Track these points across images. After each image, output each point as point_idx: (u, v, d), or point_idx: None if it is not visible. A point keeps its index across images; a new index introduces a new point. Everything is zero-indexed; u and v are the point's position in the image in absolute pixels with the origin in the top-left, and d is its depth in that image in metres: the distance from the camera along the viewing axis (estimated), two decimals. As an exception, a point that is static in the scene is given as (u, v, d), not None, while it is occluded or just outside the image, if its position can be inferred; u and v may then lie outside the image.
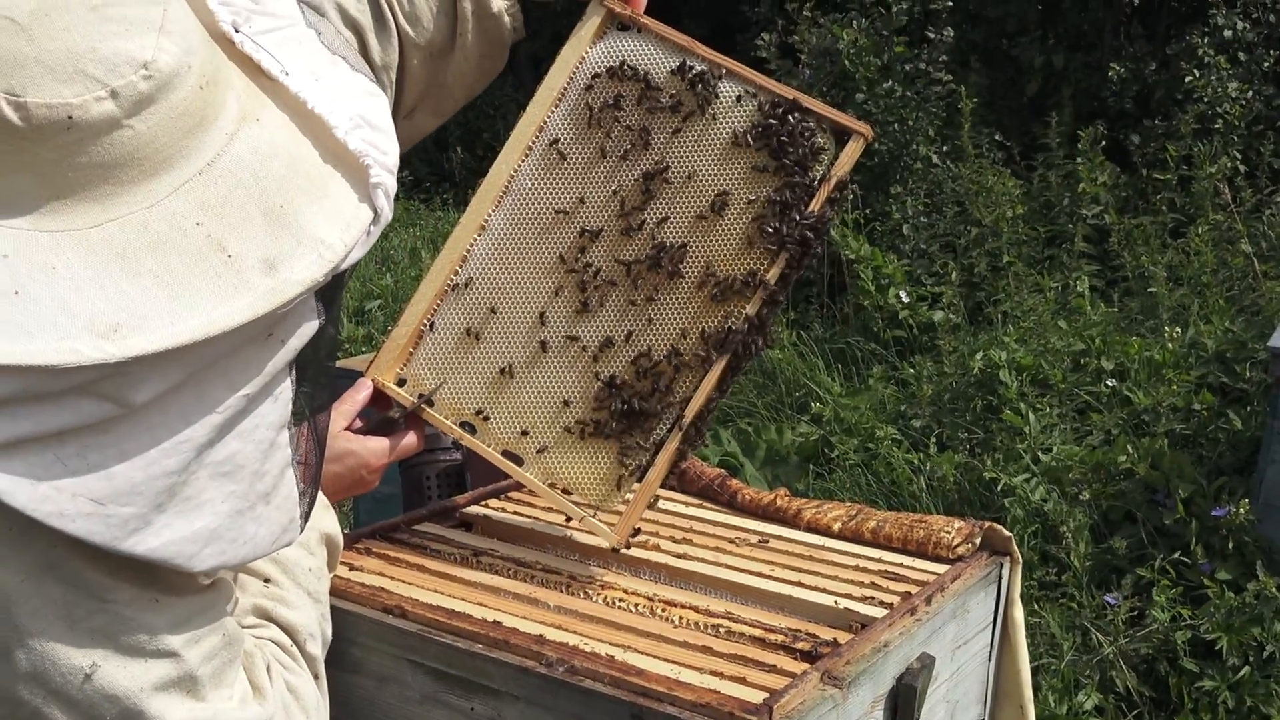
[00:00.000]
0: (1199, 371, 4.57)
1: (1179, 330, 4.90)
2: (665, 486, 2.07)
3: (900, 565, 1.79)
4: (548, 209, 1.76)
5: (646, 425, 1.72)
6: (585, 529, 1.76)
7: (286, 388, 1.16)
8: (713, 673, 1.41)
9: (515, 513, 1.96)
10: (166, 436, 1.07)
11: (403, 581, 1.64)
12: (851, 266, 6.08)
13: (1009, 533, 1.83)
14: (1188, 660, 3.59)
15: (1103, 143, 6.40)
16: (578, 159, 1.76)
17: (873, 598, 1.65)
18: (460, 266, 1.77)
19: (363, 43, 1.68)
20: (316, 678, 1.40)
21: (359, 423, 1.73)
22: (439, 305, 1.77)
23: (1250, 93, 6.50)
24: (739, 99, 1.73)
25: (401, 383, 1.75)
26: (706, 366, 1.71)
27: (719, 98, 1.73)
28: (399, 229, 9.42)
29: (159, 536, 1.08)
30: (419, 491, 2.10)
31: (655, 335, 1.73)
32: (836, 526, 1.91)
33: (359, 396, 1.72)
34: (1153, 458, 4.13)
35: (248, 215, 1.08)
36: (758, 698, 1.33)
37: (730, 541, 1.87)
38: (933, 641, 1.62)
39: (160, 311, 1.02)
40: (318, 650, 1.42)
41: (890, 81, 6.70)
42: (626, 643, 1.48)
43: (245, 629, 1.33)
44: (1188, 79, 6.49)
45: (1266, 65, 6.65)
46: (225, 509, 1.13)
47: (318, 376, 1.26)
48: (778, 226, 1.71)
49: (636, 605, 1.63)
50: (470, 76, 1.78)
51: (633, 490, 1.71)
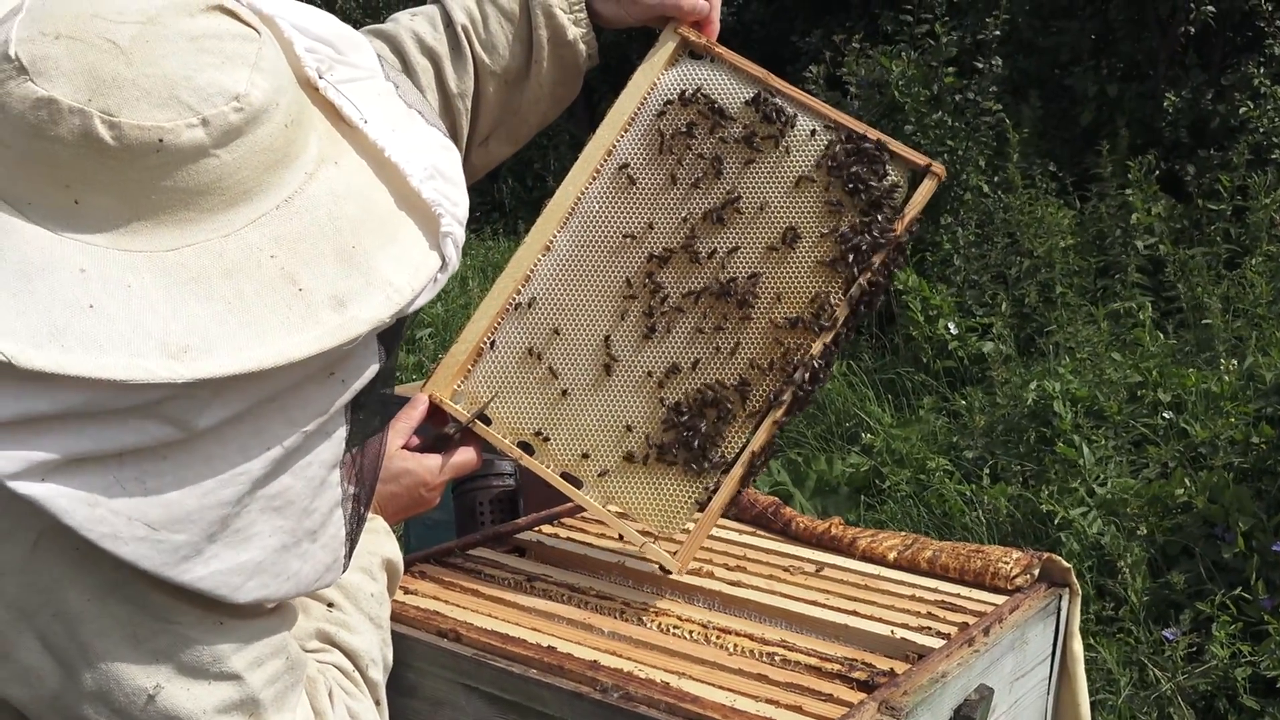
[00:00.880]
0: (1257, 404, 4.51)
1: (1236, 362, 4.85)
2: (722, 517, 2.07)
3: (957, 595, 1.77)
4: (615, 232, 1.76)
5: (711, 454, 1.71)
6: (645, 555, 1.75)
7: (342, 428, 1.17)
8: (769, 700, 1.40)
9: (569, 538, 1.97)
10: (224, 468, 1.07)
11: (457, 605, 1.65)
12: (900, 297, 6.06)
13: (1068, 564, 1.81)
14: (1248, 697, 3.53)
15: (1157, 173, 6.36)
16: (648, 184, 1.77)
17: (929, 628, 1.64)
18: (523, 286, 1.77)
19: (439, 70, 1.70)
20: (378, 704, 1.39)
21: (415, 440, 1.72)
22: (500, 323, 1.77)
23: (1308, 123, 6.45)
24: (813, 133, 1.74)
25: (458, 399, 1.75)
26: (771, 399, 1.71)
27: (794, 131, 1.74)
28: (450, 257, 9.48)
29: (207, 566, 1.09)
30: (472, 517, 2.11)
31: (722, 364, 1.74)
32: (892, 556, 1.90)
33: (415, 413, 1.71)
34: (1211, 491, 4.08)
35: (320, 253, 1.09)
36: (816, 727, 1.32)
37: (784, 569, 1.86)
38: (991, 673, 1.60)
39: (230, 337, 1.03)
40: (379, 676, 1.41)
41: (940, 112, 6.69)
42: (681, 669, 1.48)
43: (308, 653, 1.33)
44: (1243, 109, 6.44)
45: (1324, 95, 6.59)
46: (273, 543, 1.13)
47: (372, 412, 1.26)
48: (850, 263, 1.71)
49: (691, 632, 1.63)
50: (544, 104, 1.79)
51: (695, 519, 1.71)
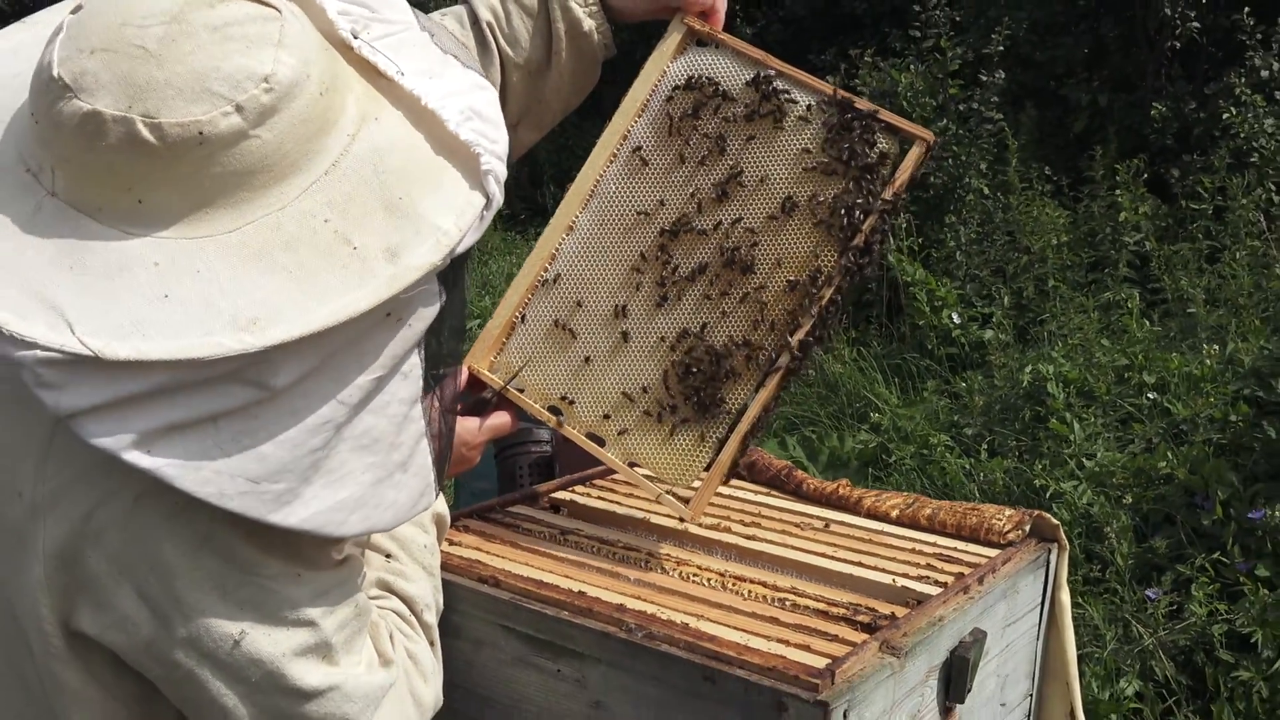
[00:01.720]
0: (1235, 385, 4.47)
1: (1216, 348, 4.82)
2: (736, 476, 2.06)
3: (954, 549, 1.77)
4: (631, 210, 1.75)
5: (719, 411, 1.71)
6: (662, 504, 1.75)
7: (415, 365, 1.16)
8: (779, 640, 1.41)
9: (599, 497, 1.97)
10: (308, 418, 1.08)
11: (497, 555, 1.66)
12: (908, 290, 6.05)
13: (1056, 521, 1.80)
14: (1224, 652, 3.51)
15: (1144, 176, 6.33)
16: (659, 165, 1.75)
17: (928, 577, 1.64)
18: (549, 264, 1.76)
19: None
20: (432, 644, 1.41)
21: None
22: (530, 299, 1.77)
23: (1284, 129, 6.39)
24: (809, 108, 1.71)
25: (494, 369, 1.75)
26: (773, 358, 1.70)
27: (792, 106, 1.72)
28: (497, 257, 9.52)
29: (308, 508, 1.09)
30: (512, 479, 2.12)
31: (729, 327, 1.72)
32: (894, 513, 1.90)
33: (459, 374, 1.70)
34: (1192, 464, 4.06)
35: (370, 209, 1.09)
36: (821, 663, 1.32)
37: (796, 525, 1.86)
38: (984, 618, 1.60)
39: (294, 303, 1.04)
40: (432, 619, 1.43)
41: (944, 120, 6.66)
42: (699, 613, 1.48)
43: (371, 600, 1.34)
44: (1225, 116, 6.38)
45: (1299, 103, 6.53)
46: (367, 479, 1.13)
47: (448, 353, 1.27)
48: (843, 227, 1.68)
49: (709, 580, 1.63)
50: (566, 91, 1.78)
51: (704, 473, 1.71)
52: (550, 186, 11.16)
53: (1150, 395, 4.66)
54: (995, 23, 7.17)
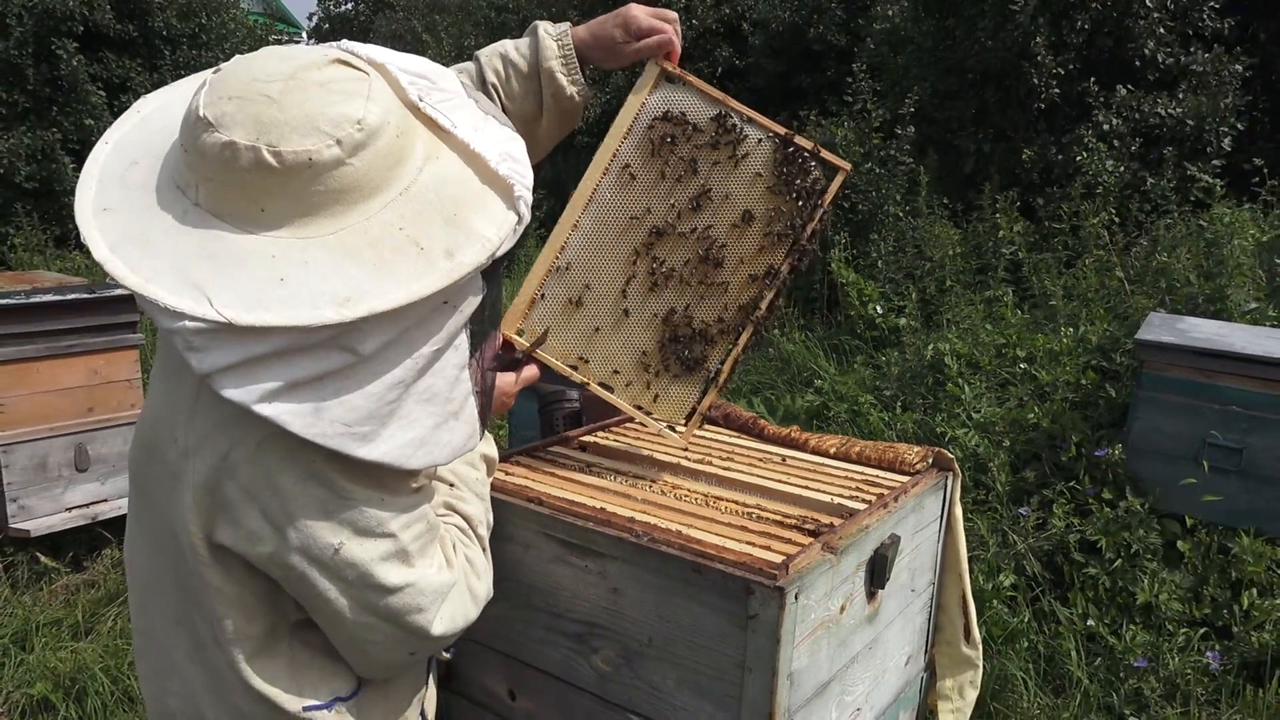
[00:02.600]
0: (1085, 358, 4.45)
1: (1072, 330, 4.79)
2: (714, 424, 2.06)
3: (877, 476, 1.76)
4: (624, 215, 1.72)
5: (701, 369, 1.72)
6: (664, 437, 1.77)
7: (464, 340, 1.17)
8: (748, 543, 1.40)
9: (615, 440, 1.97)
10: (386, 376, 1.08)
11: (541, 482, 1.66)
12: (843, 289, 6.02)
13: (951, 456, 1.79)
14: (1077, 554, 3.51)
15: (1017, 204, 6.31)
16: (644, 179, 1.72)
17: (857, 496, 1.63)
18: (560, 254, 1.71)
19: None
20: (484, 551, 1.41)
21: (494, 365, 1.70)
22: (546, 281, 1.71)
23: (1121, 167, 6.35)
24: (760, 141, 1.70)
25: (521, 334, 1.72)
26: (739, 331, 1.71)
27: (746, 139, 1.70)
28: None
29: (386, 444, 1.09)
30: (551, 428, 2.11)
31: (705, 308, 1.72)
32: (832, 450, 1.89)
33: (494, 344, 1.65)
34: (1053, 416, 4.05)
35: (433, 221, 1.11)
36: (779, 559, 1.32)
37: (760, 460, 1.86)
38: (899, 527, 1.60)
39: (377, 287, 1.05)
40: (485, 533, 1.42)
41: (869, 163, 6.63)
42: (689, 523, 1.48)
43: (439, 518, 1.34)
44: (1078, 159, 6.34)
45: (1133, 149, 6.48)
46: (429, 424, 1.13)
47: (484, 325, 1.27)
48: (789, 234, 1.69)
49: (696, 499, 1.63)
50: (554, 134, 1.74)
51: (693, 412, 1.73)
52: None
53: (1022, 365, 4.64)
54: (906, 91, 7.12)
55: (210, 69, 1.15)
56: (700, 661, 1.33)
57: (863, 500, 1.61)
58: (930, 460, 1.79)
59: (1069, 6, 6.69)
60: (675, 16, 1.70)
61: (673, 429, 1.73)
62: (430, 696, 1.47)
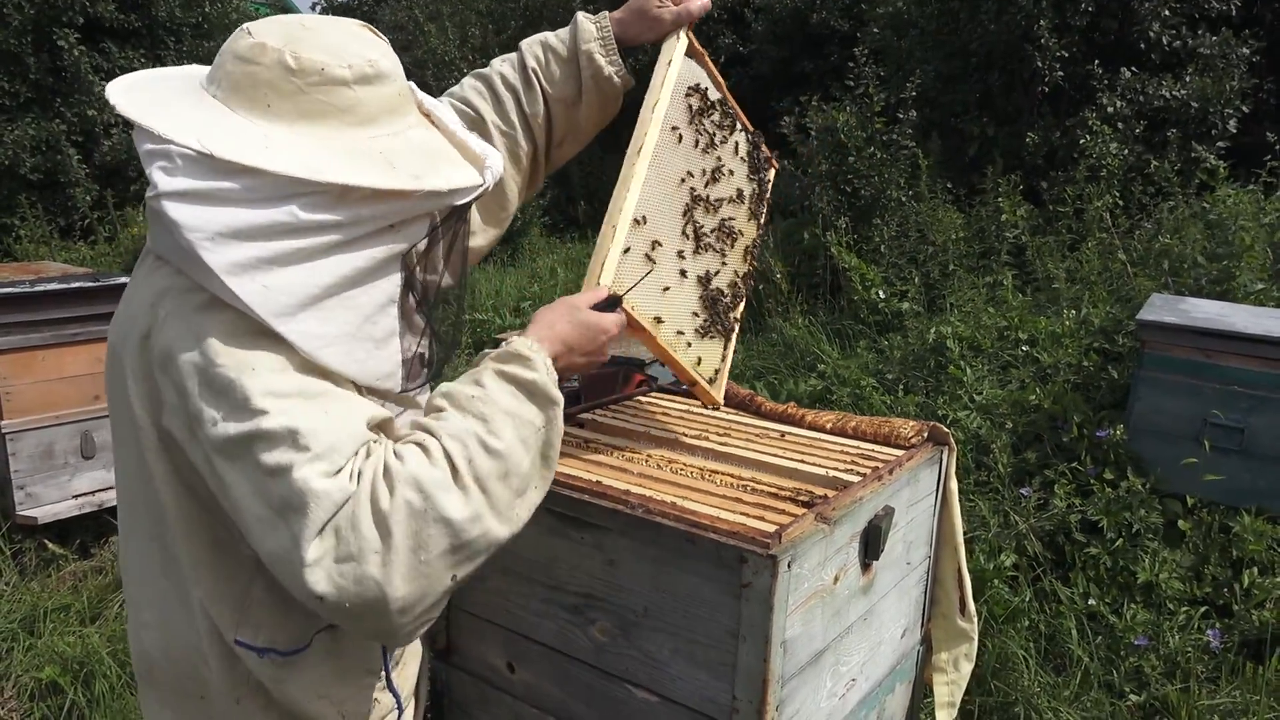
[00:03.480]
0: (1088, 340, 4.46)
1: (1074, 312, 4.79)
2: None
3: (872, 450, 1.77)
4: (675, 175, 1.70)
5: (728, 328, 1.81)
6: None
7: (396, 278, 1.22)
8: (742, 514, 1.42)
9: (612, 417, 1.98)
10: (322, 271, 1.14)
11: (538, 458, 1.66)
12: (845, 273, 6.02)
13: (947, 429, 1.80)
14: (1078, 534, 3.52)
15: (1020, 188, 6.28)
16: (686, 142, 1.72)
17: (852, 469, 1.64)
18: (636, 210, 1.61)
19: (517, 99, 1.69)
20: (456, 473, 1.12)
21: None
22: (629, 235, 1.59)
23: (1125, 150, 6.33)
24: (743, 130, 1.85)
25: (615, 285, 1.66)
26: (741, 299, 1.84)
27: (736, 129, 1.83)
28: (543, 254, 9.49)
29: (299, 325, 1.12)
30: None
31: (724, 274, 1.80)
32: (829, 426, 1.90)
33: (599, 294, 1.49)
34: (1054, 397, 4.05)
35: (409, 157, 1.22)
36: (772, 529, 1.34)
37: (757, 435, 1.87)
38: (894, 499, 1.61)
39: (346, 169, 1.14)
40: (461, 449, 1.14)
41: (872, 148, 6.61)
42: (684, 495, 1.49)
43: (395, 440, 1.18)
44: (1081, 142, 6.32)
45: (1137, 131, 6.46)
46: (345, 330, 1.16)
47: (433, 294, 1.31)
48: (756, 214, 1.87)
49: (691, 472, 1.64)
50: (595, 117, 1.74)
51: (720, 366, 1.80)
52: (581, 203, 11.13)
53: (1024, 348, 4.65)
54: (909, 75, 7.10)
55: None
56: (695, 630, 1.34)
57: (858, 473, 1.62)
58: (925, 434, 1.80)
59: (1073, -12, 6.67)
60: None
61: (717, 408, 1.81)
62: (409, 674, 1.45)
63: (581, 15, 1.70)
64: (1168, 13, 6.72)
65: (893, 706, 1.75)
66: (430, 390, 1.30)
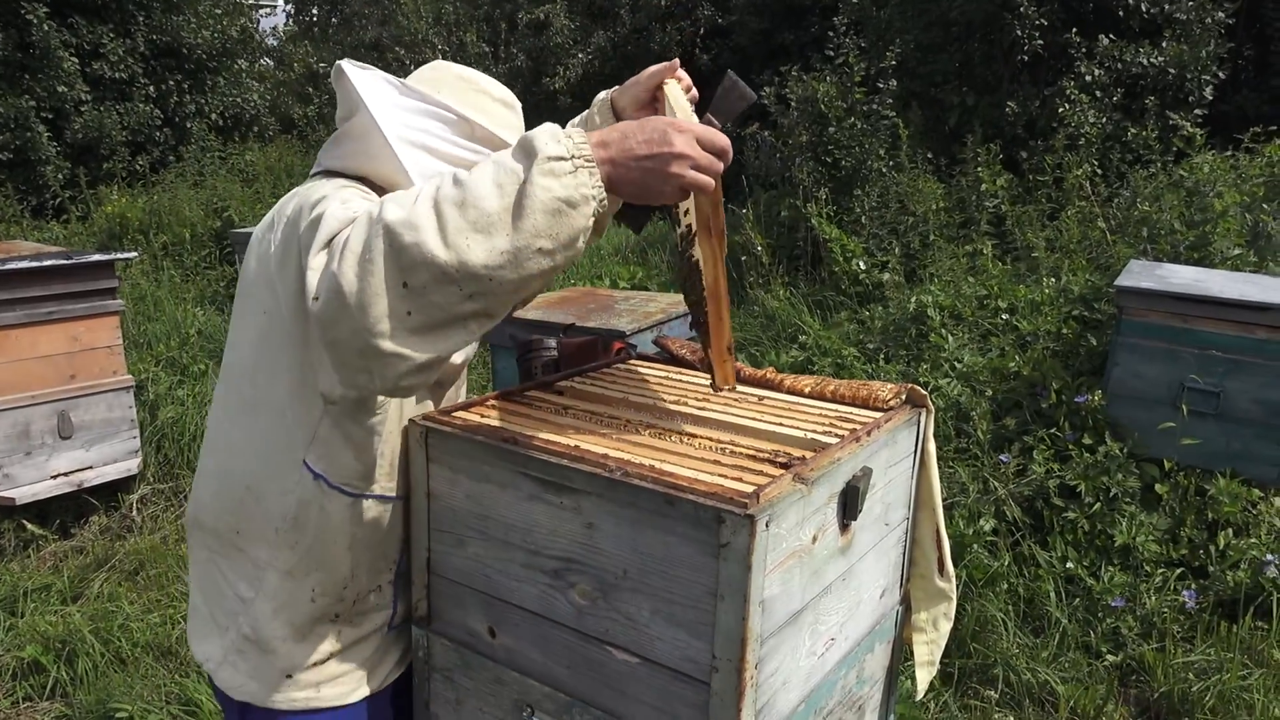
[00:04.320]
0: (1067, 308, 4.48)
1: (1053, 280, 4.82)
2: (691, 368, 2.07)
3: (850, 413, 1.77)
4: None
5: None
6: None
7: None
8: (720, 475, 1.41)
9: (590, 385, 1.97)
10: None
11: (517, 423, 1.66)
12: (826, 245, 6.02)
13: (924, 391, 1.81)
14: (1057, 499, 3.55)
15: (1000, 157, 6.29)
16: None
17: (830, 431, 1.64)
18: None
19: None
20: (420, 194, 1.15)
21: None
22: None
23: (1104, 119, 6.34)
24: None
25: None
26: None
27: None
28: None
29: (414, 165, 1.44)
30: (529, 374, 2.11)
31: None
32: (807, 389, 1.89)
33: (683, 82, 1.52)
34: (1034, 364, 4.08)
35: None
36: (749, 489, 1.33)
37: (735, 400, 1.86)
38: (872, 460, 1.60)
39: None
40: (434, 180, 1.17)
41: (852, 118, 6.60)
42: (662, 458, 1.49)
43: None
44: (1060, 110, 6.33)
45: (1115, 99, 6.47)
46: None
47: None
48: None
49: (670, 436, 1.63)
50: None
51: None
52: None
53: (1004, 316, 4.67)
54: (889, 44, 7.08)
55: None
56: (674, 591, 1.34)
57: (835, 435, 1.62)
58: (904, 396, 1.79)
59: (1051, -44, 6.65)
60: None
61: (718, 389, 1.71)
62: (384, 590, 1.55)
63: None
64: (1146, -21, 6.73)
65: (872, 665, 1.77)
66: None
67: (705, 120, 1.26)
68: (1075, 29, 6.69)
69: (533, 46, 11.77)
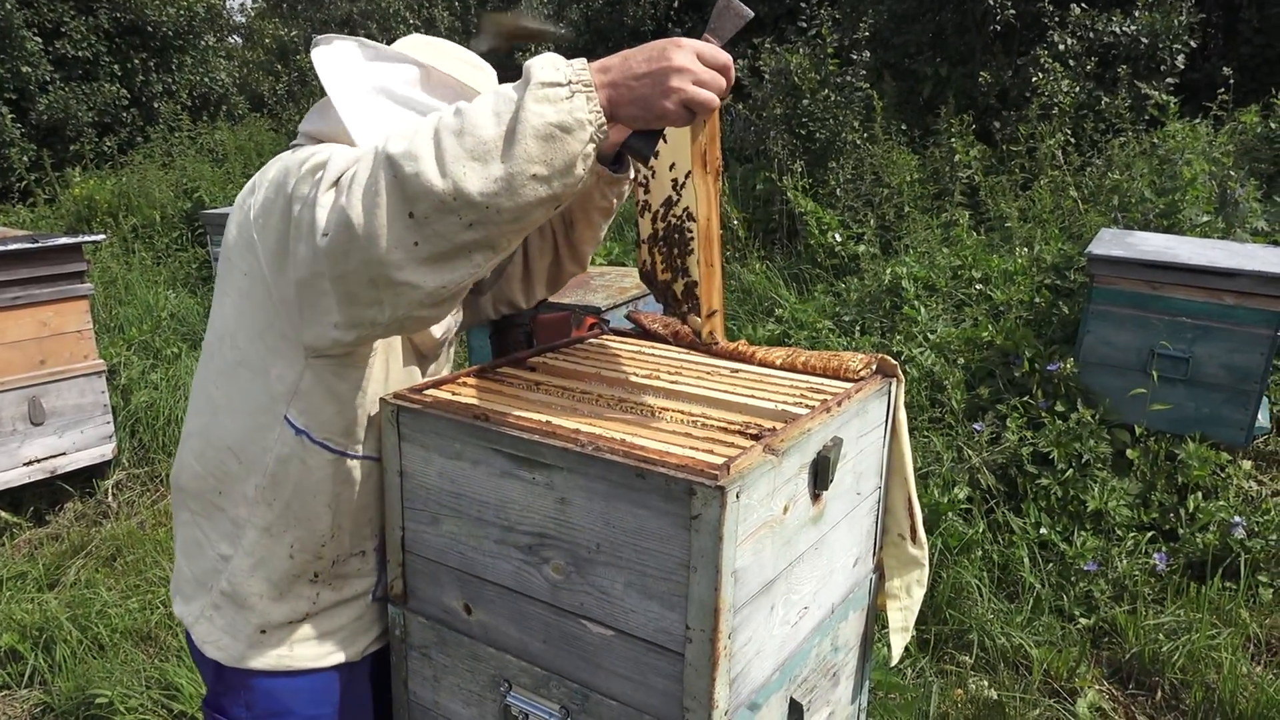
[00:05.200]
0: (1039, 278, 4.51)
1: (1026, 250, 4.84)
2: (664, 342, 2.07)
3: (821, 384, 1.77)
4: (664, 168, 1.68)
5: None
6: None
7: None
8: (691, 448, 1.41)
9: (563, 360, 1.97)
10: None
11: (488, 400, 1.66)
12: (801, 218, 6.02)
13: (895, 361, 1.81)
14: (1030, 466, 3.59)
15: (974, 128, 6.30)
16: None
17: (801, 403, 1.64)
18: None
19: None
20: (421, 126, 1.16)
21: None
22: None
23: (1077, 88, 6.35)
24: None
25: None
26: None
27: None
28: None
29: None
30: (502, 350, 2.11)
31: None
32: (779, 362, 1.90)
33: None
34: (1006, 333, 4.10)
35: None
36: (720, 460, 1.34)
37: (707, 373, 1.86)
38: (843, 430, 1.61)
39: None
40: (435, 114, 1.18)
41: (826, 90, 6.58)
42: (634, 432, 1.49)
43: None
44: (1033, 80, 6.34)
45: (1088, 68, 6.48)
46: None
47: None
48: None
49: (642, 410, 1.63)
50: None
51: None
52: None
53: (977, 286, 4.70)
54: (862, 15, 7.05)
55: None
56: (647, 564, 1.35)
57: (806, 406, 1.62)
58: (874, 366, 1.80)
59: (1023, -76, 6.64)
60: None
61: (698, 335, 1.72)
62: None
63: None
64: (1117, -53, 6.73)
65: (846, 633, 1.79)
66: None
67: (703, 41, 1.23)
68: (1047, -2, 6.70)
69: (505, 21, 11.65)
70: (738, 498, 1.31)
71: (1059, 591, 3.28)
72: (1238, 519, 3.28)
